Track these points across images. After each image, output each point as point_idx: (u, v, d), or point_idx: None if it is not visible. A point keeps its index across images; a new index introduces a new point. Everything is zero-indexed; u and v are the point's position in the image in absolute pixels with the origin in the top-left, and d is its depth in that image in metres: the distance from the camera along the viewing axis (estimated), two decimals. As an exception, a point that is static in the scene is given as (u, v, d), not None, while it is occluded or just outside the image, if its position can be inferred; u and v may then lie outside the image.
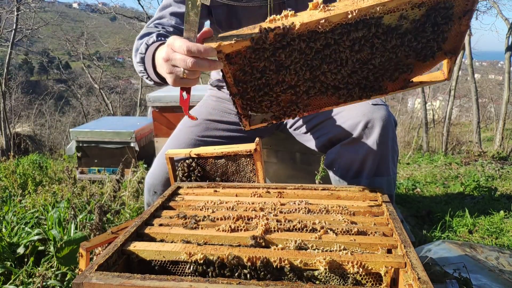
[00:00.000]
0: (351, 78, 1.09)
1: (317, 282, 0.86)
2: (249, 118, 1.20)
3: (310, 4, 0.98)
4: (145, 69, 1.25)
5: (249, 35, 0.98)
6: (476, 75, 11.73)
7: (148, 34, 1.34)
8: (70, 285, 1.73)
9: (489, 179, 4.16)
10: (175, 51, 0.99)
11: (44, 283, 1.66)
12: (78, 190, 3.23)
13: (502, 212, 2.89)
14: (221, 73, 1.78)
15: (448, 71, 1.08)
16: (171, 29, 1.41)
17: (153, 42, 1.22)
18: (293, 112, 1.15)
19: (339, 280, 0.86)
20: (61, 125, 17.22)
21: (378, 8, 0.95)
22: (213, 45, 0.98)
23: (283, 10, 0.99)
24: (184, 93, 1.12)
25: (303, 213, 1.10)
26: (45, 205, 2.61)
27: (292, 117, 1.16)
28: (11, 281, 1.75)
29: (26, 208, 2.63)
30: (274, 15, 1.00)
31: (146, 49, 1.21)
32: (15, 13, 10.93)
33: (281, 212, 1.10)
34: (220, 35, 1.00)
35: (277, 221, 1.02)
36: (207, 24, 1.64)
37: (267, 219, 1.03)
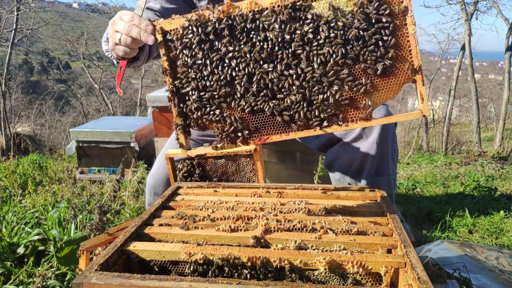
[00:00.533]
0: (300, 97, 0.99)
1: (317, 282, 0.86)
2: (188, 134, 1.11)
3: None
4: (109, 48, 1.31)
5: (184, 15, 1.05)
6: (476, 75, 11.73)
7: None
8: (70, 285, 1.73)
9: (489, 179, 4.16)
10: (122, 19, 1.11)
11: (44, 283, 1.66)
12: (78, 190, 3.23)
13: (502, 212, 2.89)
14: None
15: (422, 101, 0.95)
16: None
17: None
18: (237, 135, 1.04)
19: (339, 280, 0.86)
20: (61, 125, 17.21)
21: None
22: (153, 23, 1.08)
23: None
24: (121, 66, 1.21)
25: (303, 213, 1.10)
26: (45, 205, 2.61)
27: (235, 142, 1.05)
28: (11, 281, 1.75)
29: (26, 208, 2.63)
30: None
31: None
32: (15, 13, 10.93)
33: (281, 212, 1.10)
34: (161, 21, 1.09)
35: (277, 221, 1.02)
36: None
37: (267, 219, 1.03)
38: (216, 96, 1.04)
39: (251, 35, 1.00)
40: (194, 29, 1.03)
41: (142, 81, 15.58)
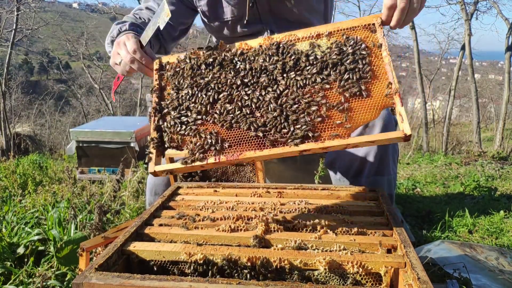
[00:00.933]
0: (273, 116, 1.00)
1: (317, 282, 0.86)
2: (161, 152, 1.10)
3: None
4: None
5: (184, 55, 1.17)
6: (476, 75, 11.73)
7: (124, 22, 1.46)
8: (70, 285, 1.72)
9: (489, 179, 4.16)
10: (125, 45, 1.21)
11: (44, 283, 1.66)
12: (78, 190, 3.23)
13: (502, 212, 2.89)
14: None
15: (402, 121, 0.94)
16: (146, 21, 1.53)
17: (125, 30, 1.37)
18: (210, 149, 1.03)
19: (339, 280, 0.86)
20: (61, 125, 17.21)
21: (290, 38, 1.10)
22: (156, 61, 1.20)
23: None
24: (119, 76, 1.36)
25: (303, 213, 1.10)
26: (45, 205, 2.61)
27: (206, 157, 1.03)
28: (11, 281, 1.75)
29: (26, 208, 2.63)
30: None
31: (118, 34, 1.36)
32: (15, 13, 10.93)
33: (281, 212, 1.11)
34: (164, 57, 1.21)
35: (277, 221, 1.02)
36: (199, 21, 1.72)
37: (267, 219, 1.03)
38: (195, 113, 1.08)
39: (237, 66, 1.10)
40: (188, 60, 1.15)
41: (142, 81, 15.58)
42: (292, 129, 0.98)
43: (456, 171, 4.79)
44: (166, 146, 1.09)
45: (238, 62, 1.10)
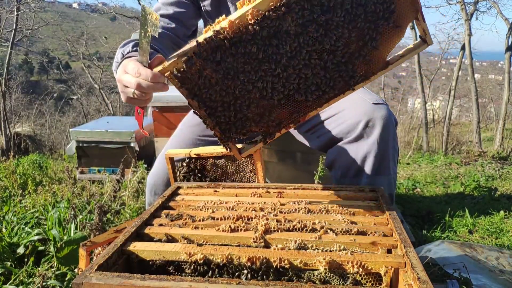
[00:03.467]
0: (316, 72, 1.00)
1: (317, 282, 0.86)
2: (237, 142, 1.13)
3: (238, 4, 0.95)
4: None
5: (186, 50, 0.97)
6: (476, 75, 11.73)
7: (130, 41, 1.35)
8: (70, 285, 1.72)
9: (489, 179, 4.16)
10: (127, 73, 1.06)
11: (44, 283, 1.66)
12: (78, 190, 3.23)
13: (502, 212, 2.89)
14: None
15: (424, 34, 1.00)
16: (160, 30, 1.45)
17: (128, 52, 1.26)
18: (276, 128, 1.08)
19: (339, 280, 0.86)
20: (61, 125, 17.20)
21: None
22: (158, 68, 1.00)
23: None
24: (139, 110, 1.19)
25: (303, 213, 1.10)
26: (45, 205, 2.61)
27: (282, 130, 1.09)
28: (11, 281, 1.75)
29: (26, 208, 2.63)
30: (209, 24, 0.98)
31: (122, 58, 1.25)
32: (15, 13, 10.92)
33: (281, 212, 1.11)
34: (169, 57, 1.01)
35: (277, 221, 1.03)
36: (200, 23, 1.68)
37: (267, 219, 1.03)
38: (249, 103, 1.04)
39: (272, 41, 0.97)
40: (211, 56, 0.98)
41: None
42: (344, 74, 1.01)
43: (456, 171, 4.79)
44: (233, 136, 1.10)
45: (271, 38, 0.97)
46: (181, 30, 1.52)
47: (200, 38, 0.96)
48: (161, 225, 1.04)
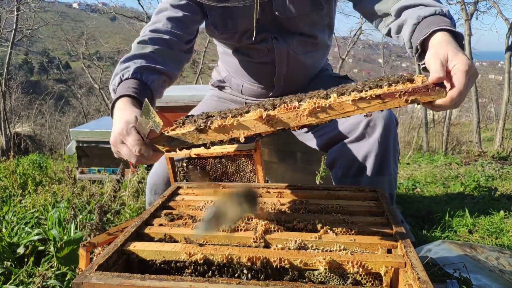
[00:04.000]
0: None
1: (317, 282, 0.86)
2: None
3: (255, 115, 0.89)
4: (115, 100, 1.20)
5: (190, 144, 0.96)
6: (476, 75, 11.69)
7: (131, 58, 1.26)
8: (70, 285, 1.72)
9: (489, 179, 4.16)
10: (124, 143, 0.99)
11: (44, 283, 1.66)
12: (78, 190, 3.23)
13: (502, 212, 2.89)
14: (222, 74, 1.78)
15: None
16: (167, 36, 1.35)
17: (127, 78, 1.19)
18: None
19: (339, 280, 0.86)
20: (61, 125, 17.21)
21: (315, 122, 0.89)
22: (161, 148, 0.97)
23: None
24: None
25: (303, 213, 1.10)
26: (45, 205, 2.61)
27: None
28: (11, 281, 1.75)
29: (26, 208, 2.63)
30: (219, 120, 0.92)
31: (119, 83, 1.19)
32: (15, 13, 10.92)
33: (281, 212, 1.10)
34: (167, 135, 0.96)
35: (277, 221, 1.02)
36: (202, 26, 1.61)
37: (267, 219, 1.03)
38: None
39: None
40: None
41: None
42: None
43: (456, 171, 4.79)
44: None
45: None
46: (185, 35, 1.43)
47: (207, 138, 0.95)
48: (161, 225, 1.04)
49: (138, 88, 1.15)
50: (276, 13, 1.43)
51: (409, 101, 0.85)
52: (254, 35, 1.45)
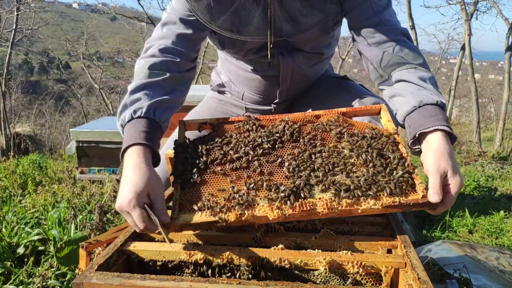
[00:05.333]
0: None
1: (317, 282, 0.86)
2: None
3: (272, 215, 0.90)
4: (123, 134, 1.14)
5: (198, 226, 0.93)
6: (476, 75, 11.72)
7: (141, 89, 1.19)
8: (70, 285, 1.73)
9: (489, 179, 4.16)
10: (130, 214, 0.94)
11: (44, 283, 1.66)
12: (78, 190, 3.23)
13: (502, 212, 2.90)
14: (222, 78, 1.77)
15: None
16: (178, 59, 1.28)
17: (138, 117, 1.12)
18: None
19: (339, 280, 0.86)
20: (61, 125, 17.22)
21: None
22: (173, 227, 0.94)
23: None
24: None
25: (303, 213, 1.10)
26: (45, 205, 2.61)
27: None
28: (11, 281, 1.75)
29: (26, 208, 2.63)
30: (234, 215, 0.91)
31: (129, 120, 1.12)
32: (15, 13, 10.92)
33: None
34: (180, 223, 0.93)
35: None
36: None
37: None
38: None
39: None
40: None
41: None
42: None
43: (456, 171, 4.78)
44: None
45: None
46: (193, 53, 1.36)
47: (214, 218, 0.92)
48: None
49: (149, 131, 1.09)
50: (287, 33, 1.41)
51: (405, 210, 0.96)
52: (269, 60, 1.42)
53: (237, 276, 0.86)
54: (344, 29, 1.61)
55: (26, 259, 1.93)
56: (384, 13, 1.31)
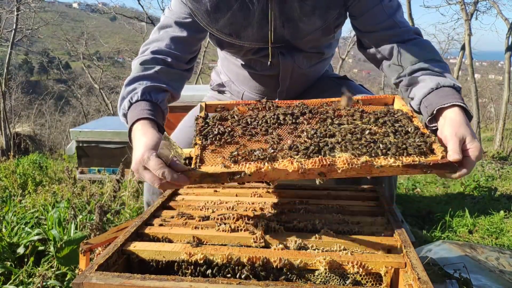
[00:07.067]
0: None
1: (317, 282, 0.86)
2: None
3: (291, 167, 0.91)
4: (127, 122, 1.16)
5: (218, 177, 0.93)
6: (476, 75, 11.71)
7: (136, 80, 1.21)
8: (70, 285, 1.72)
9: (489, 179, 4.16)
10: (147, 169, 0.94)
11: (44, 283, 1.66)
12: (78, 190, 3.23)
13: (502, 212, 2.90)
14: (222, 77, 1.77)
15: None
16: (169, 59, 1.29)
17: (136, 100, 1.15)
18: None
19: (339, 280, 0.86)
20: (61, 125, 17.22)
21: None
22: (193, 177, 0.93)
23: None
24: None
25: (303, 213, 1.10)
26: (45, 205, 2.61)
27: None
28: (11, 281, 1.75)
29: (26, 208, 2.63)
30: (256, 165, 0.92)
31: (129, 107, 1.15)
32: (15, 13, 10.92)
33: (281, 212, 1.10)
34: (199, 171, 0.93)
35: (277, 221, 1.02)
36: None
37: (267, 219, 1.03)
38: None
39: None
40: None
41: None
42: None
43: (456, 171, 4.78)
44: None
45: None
46: (188, 55, 1.37)
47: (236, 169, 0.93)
48: (161, 225, 1.04)
49: (151, 109, 1.12)
50: (288, 38, 1.41)
51: (428, 172, 0.95)
52: (270, 59, 1.42)
53: (237, 276, 0.86)
54: (344, 29, 1.60)
55: (26, 259, 1.92)
56: (397, 15, 1.32)
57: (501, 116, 9.45)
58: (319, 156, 0.93)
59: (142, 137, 1.00)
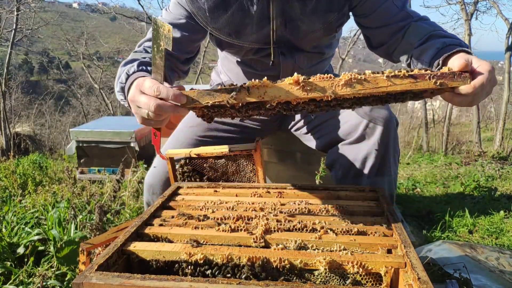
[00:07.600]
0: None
1: (317, 282, 0.86)
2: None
3: (291, 79, 0.91)
4: (125, 98, 1.17)
5: (223, 98, 0.93)
6: (476, 75, 11.67)
7: (132, 61, 1.25)
8: (70, 285, 1.73)
9: (489, 179, 4.16)
10: (143, 93, 0.96)
11: (44, 283, 1.66)
12: (78, 190, 3.23)
13: (502, 212, 2.89)
14: (222, 77, 1.77)
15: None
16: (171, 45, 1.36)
17: (133, 72, 1.17)
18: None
19: (339, 280, 0.86)
20: (61, 125, 17.22)
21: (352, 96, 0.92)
22: (190, 94, 0.93)
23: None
24: (156, 132, 1.08)
25: (303, 213, 1.10)
26: (45, 205, 2.61)
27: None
28: (11, 281, 1.75)
29: (26, 208, 2.63)
30: (253, 81, 0.94)
31: (126, 79, 1.16)
32: (15, 13, 10.93)
33: (281, 212, 1.10)
34: (194, 90, 0.94)
35: (277, 221, 1.02)
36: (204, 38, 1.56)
37: (267, 219, 1.03)
38: None
39: None
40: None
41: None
42: None
43: (456, 171, 4.79)
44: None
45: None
46: (183, 55, 1.39)
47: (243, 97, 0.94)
48: (161, 225, 1.04)
49: (147, 75, 1.13)
50: (289, 37, 1.41)
51: (438, 84, 0.90)
52: (272, 59, 1.43)
53: (237, 276, 0.86)
54: (344, 29, 1.60)
55: (26, 259, 1.92)
56: (406, 6, 1.33)
57: (501, 116, 9.45)
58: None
59: (139, 83, 1.01)
